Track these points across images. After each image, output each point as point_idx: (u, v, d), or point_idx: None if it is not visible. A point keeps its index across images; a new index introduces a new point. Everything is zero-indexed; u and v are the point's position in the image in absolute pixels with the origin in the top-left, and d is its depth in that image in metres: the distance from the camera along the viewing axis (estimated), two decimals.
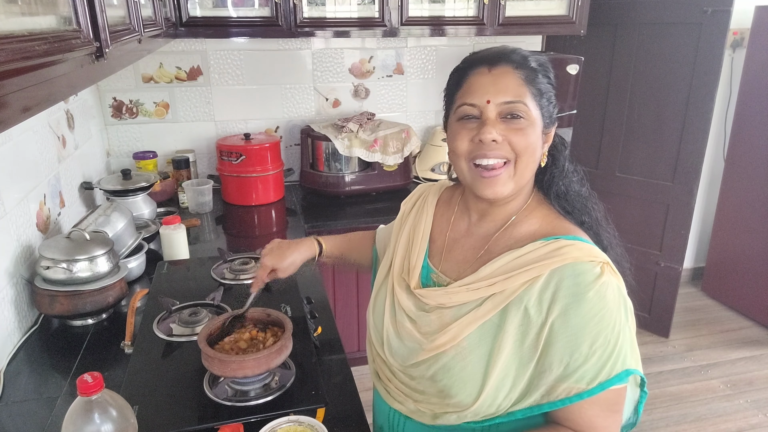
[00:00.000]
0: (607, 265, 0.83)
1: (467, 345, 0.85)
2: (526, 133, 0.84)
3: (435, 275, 0.96)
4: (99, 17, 0.88)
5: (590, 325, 0.79)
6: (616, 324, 0.80)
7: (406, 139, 2.40)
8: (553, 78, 0.89)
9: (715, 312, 3.25)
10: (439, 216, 1.03)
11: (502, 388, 0.83)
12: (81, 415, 0.80)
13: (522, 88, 0.84)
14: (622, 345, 0.80)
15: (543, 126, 0.87)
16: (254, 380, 1.06)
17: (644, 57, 2.66)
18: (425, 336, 0.89)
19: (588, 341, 0.79)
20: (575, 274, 0.80)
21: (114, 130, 2.38)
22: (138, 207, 1.91)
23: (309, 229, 2.09)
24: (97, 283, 1.37)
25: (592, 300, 0.79)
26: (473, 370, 0.84)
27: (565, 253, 0.82)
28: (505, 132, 0.84)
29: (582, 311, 0.79)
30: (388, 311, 0.98)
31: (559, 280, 0.81)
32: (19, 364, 1.26)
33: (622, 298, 0.83)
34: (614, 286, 0.82)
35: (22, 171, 1.45)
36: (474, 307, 0.86)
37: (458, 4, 2.24)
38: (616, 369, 0.79)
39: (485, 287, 0.86)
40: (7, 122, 0.57)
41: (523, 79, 0.84)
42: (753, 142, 3.00)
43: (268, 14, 2.09)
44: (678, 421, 2.40)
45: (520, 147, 0.84)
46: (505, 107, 0.84)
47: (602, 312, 0.79)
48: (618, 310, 0.81)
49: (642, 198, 2.84)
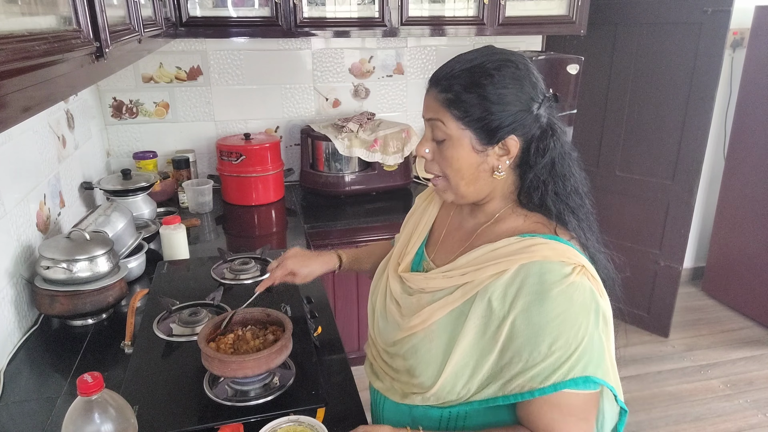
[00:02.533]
0: (582, 268, 0.82)
1: (435, 329, 0.89)
2: (447, 155, 0.89)
3: (426, 262, 1.01)
4: (99, 17, 0.88)
5: (552, 324, 0.79)
6: (581, 327, 0.80)
7: (406, 139, 2.40)
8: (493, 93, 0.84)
9: (715, 312, 3.25)
10: (444, 210, 1.07)
11: (461, 375, 0.86)
12: (81, 415, 0.80)
13: (441, 110, 0.88)
14: (585, 350, 0.80)
15: (477, 143, 0.86)
16: (254, 380, 1.06)
17: (644, 57, 2.66)
18: (403, 318, 0.95)
19: (548, 340, 0.79)
20: (542, 272, 0.81)
21: (114, 130, 2.38)
22: (138, 207, 1.91)
23: (309, 230, 2.09)
24: (97, 283, 1.37)
25: (555, 299, 0.80)
26: (436, 353, 0.88)
27: (536, 250, 0.83)
28: (434, 150, 0.91)
29: (544, 309, 0.80)
30: (381, 294, 1.04)
31: (525, 276, 0.82)
32: (19, 364, 1.26)
33: (594, 303, 0.82)
34: (585, 290, 0.81)
35: (22, 171, 1.45)
36: (447, 294, 0.90)
37: (458, 4, 2.24)
38: (574, 373, 0.79)
39: (458, 276, 0.89)
40: (7, 122, 0.57)
41: (441, 102, 0.88)
42: (753, 141, 3.00)
43: (268, 14, 2.09)
44: (677, 420, 2.40)
45: (443, 165, 0.90)
46: (429, 124, 0.91)
47: (566, 313, 0.80)
48: (586, 314, 0.81)
49: (642, 197, 2.84)
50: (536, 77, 0.89)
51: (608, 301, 0.86)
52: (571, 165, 0.91)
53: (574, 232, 0.89)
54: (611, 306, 0.87)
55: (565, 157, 0.90)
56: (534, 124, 0.87)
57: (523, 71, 0.87)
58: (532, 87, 0.87)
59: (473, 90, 0.85)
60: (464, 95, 0.85)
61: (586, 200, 0.93)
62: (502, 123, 0.85)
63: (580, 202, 0.91)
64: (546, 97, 0.89)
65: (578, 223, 0.90)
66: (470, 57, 0.89)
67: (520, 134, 0.87)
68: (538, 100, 0.87)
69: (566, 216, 0.89)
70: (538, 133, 0.88)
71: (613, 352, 0.85)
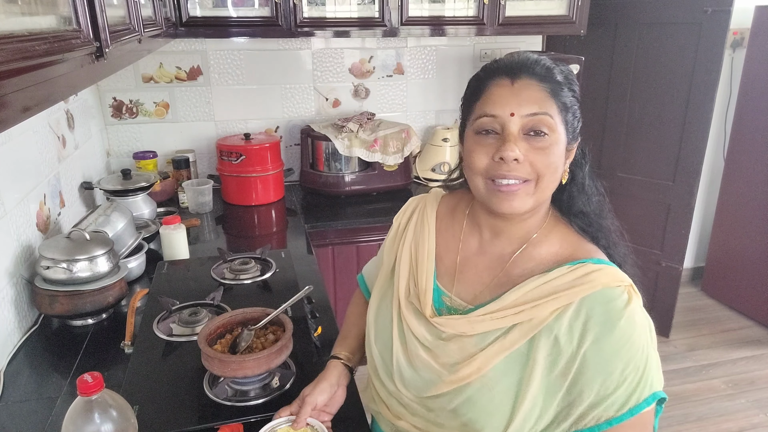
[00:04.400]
0: (632, 288, 0.81)
1: (493, 376, 0.80)
2: (550, 152, 0.79)
3: (448, 299, 0.90)
4: (99, 17, 0.88)
5: (622, 352, 0.76)
6: (645, 347, 0.78)
7: (406, 139, 2.40)
8: (578, 91, 0.84)
9: (716, 312, 3.25)
10: (443, 231, 0.96)
11: (529, 419, 0.79)
12: (81, 415, 0.80)
13: (548, 101, 0.79)
14: (650, 368, 0.78)
15: (567, 142, 0.83)
16: (254, 380, 1.06)
17: (644, 57, 2.66)
18: (445, 367, 0.84)
19: (620, 368, 0.76)
20: (606, 301, 0.78)
21: (114, 130, 2.38)
22: (138, 207, 1.91)
23: (309, 229, 2.09)
24: (97, 283, 1.37)
25: (623, 327, 0.76)
26: (500, 401, 0.80)
27: (594, 279, 0.79)
28: (527, 150, 0.79)
29: (614, 339, 0.76)
30: (398, 339, 0.91)
31: (590, 308, 0.78)
32: (19, 364, 1.26)
33: (648, 320, 0.81)
34: (640, 309, 0.80)
35: (22, 171, 1.45)
36: (499, 335, 0.81)
37: (458, 4, 2.24)
38: (645, 393, 0.77)
39: (512, 315, 0.81)
40: (7, 122, 0.57)
41: (548, 92, 0.80)
42: (753, 142, 3.00)
43: (268, 14, 2.09)
44: (680, 420, 2.40)
45: (541, 167, 0.79)
46: (530, 120, 0.79)
47: (632, 338, 0.77)
48: (644, 332, 0.79)
49: (643, 197, 2.84)
50: None
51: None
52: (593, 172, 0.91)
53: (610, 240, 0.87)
54: None
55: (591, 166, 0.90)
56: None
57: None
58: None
59: (568, 84, 0.81)
60: (562, 88, 0.80)
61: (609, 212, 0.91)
62: (579, 123, 0.84)
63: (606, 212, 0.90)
64: None
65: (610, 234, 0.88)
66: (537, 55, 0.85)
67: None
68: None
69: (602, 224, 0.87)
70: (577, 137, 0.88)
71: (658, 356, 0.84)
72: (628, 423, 0.77)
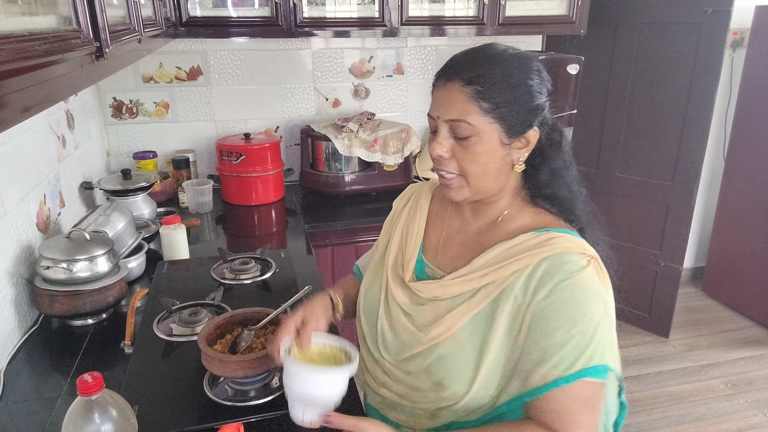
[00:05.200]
0: (594, 261, 0.84)
1: (461, 336, 0.86)
2: (472, 151, 0.85)
3: (429, 270, 0.97)
4: (99, 17, 0.88)
5: (568, 311, 0.80)
6: (595, 317, 0.81)
7: (406, 139, 2.40)
8: (530, 82, 0.85)
9: (715, 312, 3.25)
10: (433, 214, 1.04)
11: (493, 377, 0.84)
12: (81, 415, 0.80)
13: (468, 106, 0.83)
14: (600, 339, 0.81)
15: (505, 137, 0.85)
16: (254, 380, 1.06)
17: (644, 57, 2.66)
18: (420, 329, 0.91)
19: (565, 327, 0.79)
20: (562, 262, 0.82)
21: (114, 130, 2.38)
22: (138, 207, 1.91)
23: (309, 229, 2.09)
24: (97, 283, 1.37)
25: (574, 287, 0.81)
26: (468, 360, 0.85)
27: (555, 243, 0.84)
28: (454, 148, 0.87)
29: (563, 296, 0.80)
30: (383, 307, 0.98)
31: (547, 267, 0.82)
32: (19, 364, 1.26)
33: (607, 294, 0.84)
34: (598, 281, 0.83)
35: (22, 171, 1.45)
36: (467, 297, 0.88)
37: (458, 4, 2.24)
38: (594, 360, 0.79)
39: (478, 278, 0.87)
40: (7, 122, 0.57)
41: (470, 96, 0.83)
42: (753, 142, 3.00)
43: (268, 14, 2.09)
44: (678, 421, 2.40)
45: (465, 164, 0.86)
46: (451, 124, 0.85)
47: (582, 302, 0.80)
48: (597, 303, 0.82)
49: (642, 198, 2.84)
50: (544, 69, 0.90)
51: (612, 296, 0.86)
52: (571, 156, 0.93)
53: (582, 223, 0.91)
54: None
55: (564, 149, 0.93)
56: (547, 117, 0.89)
57: (538, 64, 0.89)
58: (546, 80, 0.89)
59: (504, 80, 0.83)
60: (494, 87, 0.83)
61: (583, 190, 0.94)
62: (528, 114, 0.86)
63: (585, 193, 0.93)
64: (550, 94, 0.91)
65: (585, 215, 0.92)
66: (488, 50, 0.87)
67: (538, 126, 0.88)
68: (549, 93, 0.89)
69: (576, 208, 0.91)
70: (549, 125, 0.90)
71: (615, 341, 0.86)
72: (575, 386, 0.79)
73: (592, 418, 0.82)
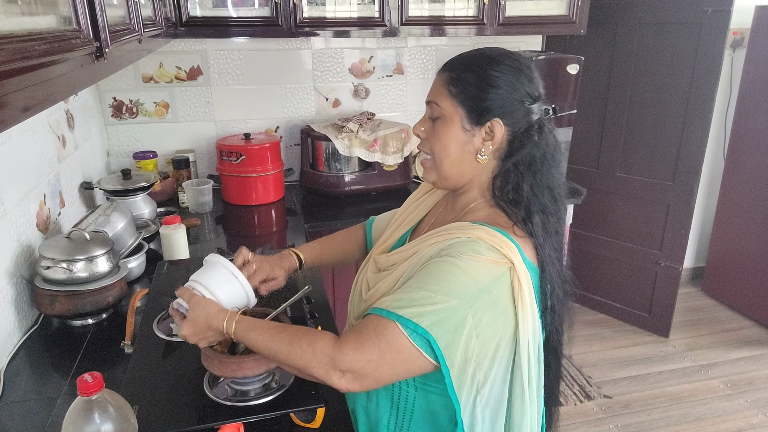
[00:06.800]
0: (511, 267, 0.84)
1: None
2: (438, 132, 0.94)
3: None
4: (99, 17, 0.88)
5: (434, 275, 0.85)
6: (455, 297, 0.82)
7: (405, 139, 2.40)
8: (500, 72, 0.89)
9: (715, 312, 3.25)
10: (436, 207, 1.11)
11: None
12: (81, 415, 0.80)
13: (441, 89, 0.94)
14: (439, 311, 0.81)
15: (468, 121, 0.91)
16: (254, 380, 1.06)
17: (644, 57, 2.66)
18: (368, 293, 1.02)
19: (420, 281, 0.85)
20: (470, 242, 0.86)
21: (114, 130, 2.38)
22: (138, 207, 1.91)
23: (309, 229, 2.09)
24: (97, 283, 1.37)
25: (455, 265, 0.84)
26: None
27: (478, 233, 0.87)
28: (429, 129, 0.97)
29: (442, 265, 0.85)
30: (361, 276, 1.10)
31: (455, 243, 0.87)
32: (19, 364, 1.26)
33: (488, 293, 0.83)
34: (490, 277, 0.83)
35: (22, 171, 1.45)
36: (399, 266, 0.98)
37: (458, 4, 2.24)
38: (400, 310, 0.83)
39: (409, 249, 0.97)
40: (7, 122, 0.57)
41: (444, 80, 0.93)
42: (753, 142, 3.00)
43: (268, 14, 2.09)
44: (678, 421, 2.40)
45: (432, 144, 0.96)
46: (428, 106, 0.97)
47: (452, 276, 0.83)
48: (471, 293, 0.82)
49: (642, 198, 2.84)
50: (536, 77, 0.92)
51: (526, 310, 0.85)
52: (552, 167, 0.93)
53: (536, 231, 0.89)
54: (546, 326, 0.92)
55: (548, 158, 0.92)
56: (524, 117, 0.91)
57: (524, 66, 0.91)
58: (528, 81, 0.91)
59: (473, 70, 0.91)
60: (464, 74, 0.91)
61: (560, 205, 0.94)
62: (492, 105, 0.90)
63: (553, 203, 0.92)
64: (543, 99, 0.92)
65: (543, 223, 0.90)
66: (480, 49, 0.96)
67: (507, 122, 0.90)
68: (533, 96, 0.91)
69: (534, 213, 0.90)
70: (524, 126, 0.91)
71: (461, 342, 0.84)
72: (371, 318, 0.87)
73: (374, 356, 0.83)
